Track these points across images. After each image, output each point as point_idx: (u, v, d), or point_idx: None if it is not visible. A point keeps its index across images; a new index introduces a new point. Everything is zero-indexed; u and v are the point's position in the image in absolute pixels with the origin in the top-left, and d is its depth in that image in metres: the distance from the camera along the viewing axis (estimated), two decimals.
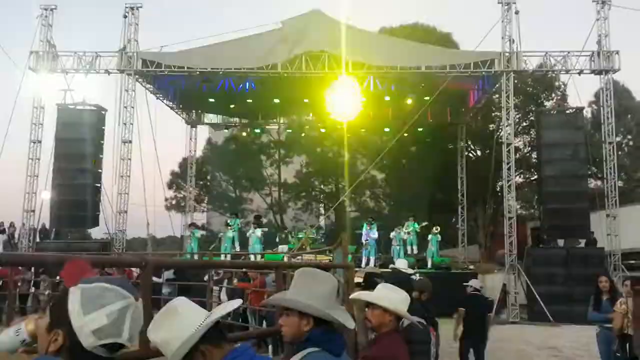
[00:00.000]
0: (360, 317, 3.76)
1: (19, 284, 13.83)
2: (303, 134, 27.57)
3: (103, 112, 18.93)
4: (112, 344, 1.38)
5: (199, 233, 19.59)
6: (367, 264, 17.27)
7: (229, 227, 19.07)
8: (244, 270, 10.58)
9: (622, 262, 17.19)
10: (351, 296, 2.89)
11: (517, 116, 25.88)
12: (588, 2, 17.88)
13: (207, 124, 26.40)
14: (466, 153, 24.91)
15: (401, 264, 8.44)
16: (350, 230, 21.76)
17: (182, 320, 1.59)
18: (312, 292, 2.07)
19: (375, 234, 18.59)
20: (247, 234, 18.96)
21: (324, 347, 2.04)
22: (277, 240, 21.38)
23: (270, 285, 9.66)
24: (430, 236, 19.20)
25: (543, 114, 18.88)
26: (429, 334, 3.73)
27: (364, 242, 18.50)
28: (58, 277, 12.95)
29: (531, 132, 26.34)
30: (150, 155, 19.97)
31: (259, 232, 18.78)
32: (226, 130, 28.16)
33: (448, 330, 7.65)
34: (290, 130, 27.42)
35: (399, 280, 3.75)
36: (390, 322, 2.97)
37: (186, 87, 20.49)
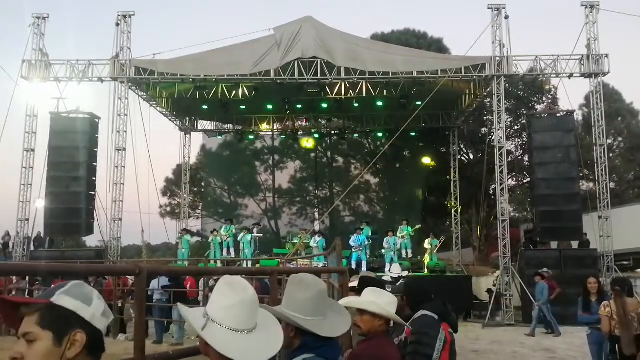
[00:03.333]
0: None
1: (14, 293, 13.79)
2: (296, 140, 27.66)
3: (96, 120, 18.91)
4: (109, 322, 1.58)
5: (192, 239, 19.63)
6: (358, 267, 17.31)
7: (220, 234, 19.20)
8: (242, 276, 10.61)
9: (615, 263, 17.32)
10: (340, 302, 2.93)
11: (509, 120, 26.08)
12: (577, 7, 18.11)
13: (200, 130, 26.44)
14: (459, 157, 25.03)
15: (395, 268, 8.51)
16: (344, 234, 21.82)
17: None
18: (297, 301, 2.12)
19: (364, 240, 18.65)
20: (238, 238, 19.06)
21: (318, 353, 2.06)
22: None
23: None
24: (427, 241, 19.40)
25: (534, 117, 19.03)
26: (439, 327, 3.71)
27: (352, 245, 18.47)
28: (52, 286, 12.95)
29: (523, 136, 26.54)
30: (144, 163, 20.00)
31: (249, 237, 18.88)
32: (220, 137, 28.17)
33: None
34: (284, 136, 27.50)
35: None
36: (380, 327, 2.95)
37: (179, 94, 20.54)
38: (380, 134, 25.67)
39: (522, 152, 27.84)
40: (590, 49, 17.80)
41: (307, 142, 27.36)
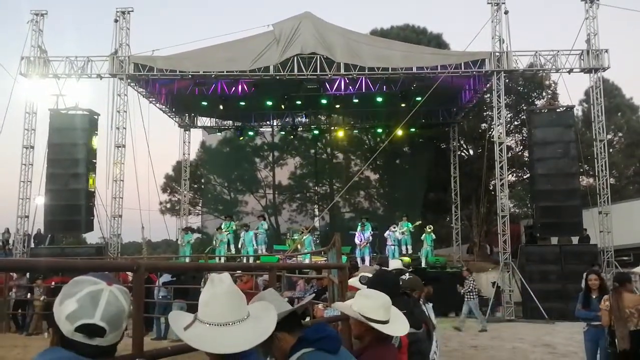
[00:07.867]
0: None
1: (14, 290, 13.81)
2: (296, 136, 27.64)
3: (96, 117, 18.87)
4: (87, 328, 1.43)
5: (192, 237, 19.47)
6: (363, 263, 17.27)
7: (223, 231, 19.12)
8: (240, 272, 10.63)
9: (615, 258, 17.33)
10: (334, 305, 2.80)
11: (509, 115, 26.02)
12: (577, 2, 18.03)
13: (200, 127, 26.39)
14: (459, 152, 25.01)
15: (395, 264, 8.47)
16: (344, 230, 21.74)
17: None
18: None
19: (368, 235, 18.53)
20: (240, 235, 19.02)
21: (318, 346, 1.98)
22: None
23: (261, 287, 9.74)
24: (424, 235, 19.26)
25: (534, 112, 19.00)
26: (424, 332, 3.61)
27: (357, 243, 18.34)
28: (53, 283, 12.94)
29: (523, 131, 26.49)
30: (143, 159, 19.97)
31: (251, 233, 18.84)
32: (219, 133, 28.12)
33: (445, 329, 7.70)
34: (283, 133, 27.48)
35: (384, 280, 3.61)
36: (368, 332, 2.71)
37: (179, 91, 20.49)
38: (379, 130, 25.62)
39: (522, 147, 27.79)
40: (590, 44, 17.76)
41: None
